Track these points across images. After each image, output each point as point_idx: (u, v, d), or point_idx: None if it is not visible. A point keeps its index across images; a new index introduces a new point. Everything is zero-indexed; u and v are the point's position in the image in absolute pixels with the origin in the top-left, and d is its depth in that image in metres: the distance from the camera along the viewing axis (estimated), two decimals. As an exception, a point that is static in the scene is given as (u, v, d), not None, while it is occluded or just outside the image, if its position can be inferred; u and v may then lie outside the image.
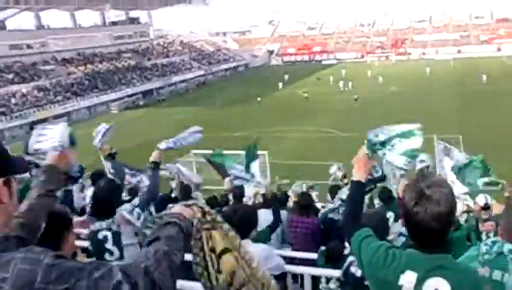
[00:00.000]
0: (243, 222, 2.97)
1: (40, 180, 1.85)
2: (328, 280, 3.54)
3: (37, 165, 2.13)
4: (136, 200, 3.43)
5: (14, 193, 1.29)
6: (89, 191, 4.95)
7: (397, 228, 3.33)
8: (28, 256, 1.08)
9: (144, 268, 1.14)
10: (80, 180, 5.39)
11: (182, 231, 1.37)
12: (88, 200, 4.85)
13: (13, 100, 43.17)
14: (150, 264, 1.16)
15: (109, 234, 3.13)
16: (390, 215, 4.35)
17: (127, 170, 5.93)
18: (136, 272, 1.12)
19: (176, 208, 1.50)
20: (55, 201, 1.88)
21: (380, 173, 5.29)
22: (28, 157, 2.04)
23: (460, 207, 6.68)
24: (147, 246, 1.27)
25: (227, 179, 7.24)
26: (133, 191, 5.79)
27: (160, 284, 1.14)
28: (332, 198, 6.49)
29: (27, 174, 2.40)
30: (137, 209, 3.25)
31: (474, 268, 2.08)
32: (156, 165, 3.62)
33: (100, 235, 3.13)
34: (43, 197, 1.80)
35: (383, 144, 2.12)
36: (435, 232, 1.60)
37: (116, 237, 3.13)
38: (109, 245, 3.11)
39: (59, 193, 1.94)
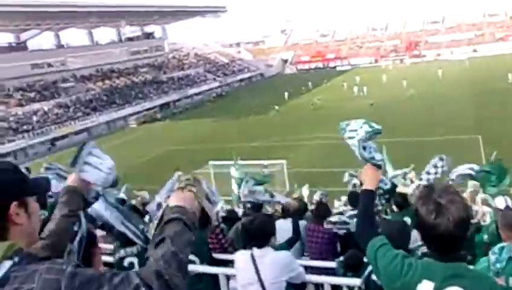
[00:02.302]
0: (260, 230, 3.03)
1: (62, 201, 1.88)
2: (350, 289, 3.55)
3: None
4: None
5: (33, 214, 1.33)
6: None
7: (416, 235, 3.31)
8: (51, 266, 1.15)
9: (155, 271, 1.20)
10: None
11: (185, 224, 1.39)
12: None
13: (35, 118, 44.27)
14: (161, 267, 1.21)
15: (136, 261, 3.13)
16: (407, 219, 4.36)
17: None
18: (150, 276, 1.19)
19: (173, 199, 1.51)
20: (77, 220, 1.90)
21: (388, 185, 5.21)
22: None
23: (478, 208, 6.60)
24: (155, 248, 1.30)
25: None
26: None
27: (172, 285, 1.20)
28: (351, 205, 6.48)
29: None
30: None
31: (490, 271, 2.07)
32: None
33: (126, 263, 3.14)
34: (67, 218, 1.83)
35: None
36: (457, 239, 1.63)
37: (144, 263, 3.12)
38: None
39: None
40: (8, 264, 1.16)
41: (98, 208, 2.64)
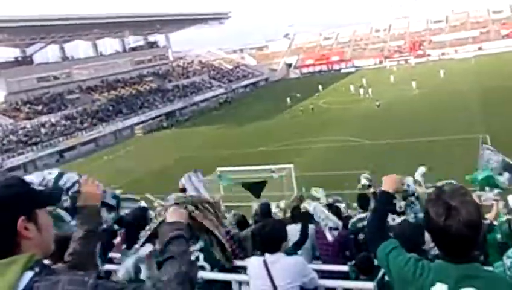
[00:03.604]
0: (271, 235, 3.05)
1: (79, 223, 1.89)
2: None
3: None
4: None
5: (44, 226, 1.33)
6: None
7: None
8: (73, 278, 1.18)
9: None
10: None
11: (187, 240, 1.44)
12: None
13: (43, 130, 44.69)
14: (175, 287, 1.24)
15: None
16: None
17: None
18: None
19: (172, 215, 1.55)
20: (98, 240, 1.91)
21: (412, 187, 5.02)
22: None
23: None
24: (163, 265, 1.33)
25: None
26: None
27: None
28: (361, 207, 6.46)
29: None
30: None
31: (506, 276, 2.04)
32: None
33: None
34: (84, 239, 1.84)
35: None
36: (469, 240, 1.61)
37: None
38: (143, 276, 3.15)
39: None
40: (30, 274, 1.19)
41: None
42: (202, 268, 4.18)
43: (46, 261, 1.32)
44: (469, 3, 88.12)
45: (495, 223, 5.39)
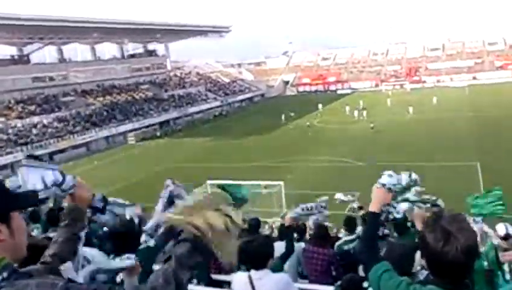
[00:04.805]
0: (258, 251, 3.00)
1: (64, 223, 1.83)
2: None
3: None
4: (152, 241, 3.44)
5: (17, 229, 1.30)
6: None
7: (418, 259, 3.25)
8: (42, 281, 1.14)
9: (151, 288, 1.20)
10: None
11: (195, 246, 1.36)
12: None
13: (34, 131, 44.30)
14: (158, 284, 1.21)
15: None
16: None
17: None
18: None
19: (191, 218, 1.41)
20: (79, 243, 1.84)
21: (400, 215, 4.96)
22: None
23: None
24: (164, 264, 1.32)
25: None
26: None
27: None
28: (347, 229, 6.43)
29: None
30: None
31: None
32: None
33: (118, 279, 3.11)
34: (68, 241, 1.79)
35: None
36: (465, 267, 1.60)
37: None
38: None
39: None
40: None
41: None
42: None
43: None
44: (465, 33, 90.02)
45: (481, 249, 5.37)
